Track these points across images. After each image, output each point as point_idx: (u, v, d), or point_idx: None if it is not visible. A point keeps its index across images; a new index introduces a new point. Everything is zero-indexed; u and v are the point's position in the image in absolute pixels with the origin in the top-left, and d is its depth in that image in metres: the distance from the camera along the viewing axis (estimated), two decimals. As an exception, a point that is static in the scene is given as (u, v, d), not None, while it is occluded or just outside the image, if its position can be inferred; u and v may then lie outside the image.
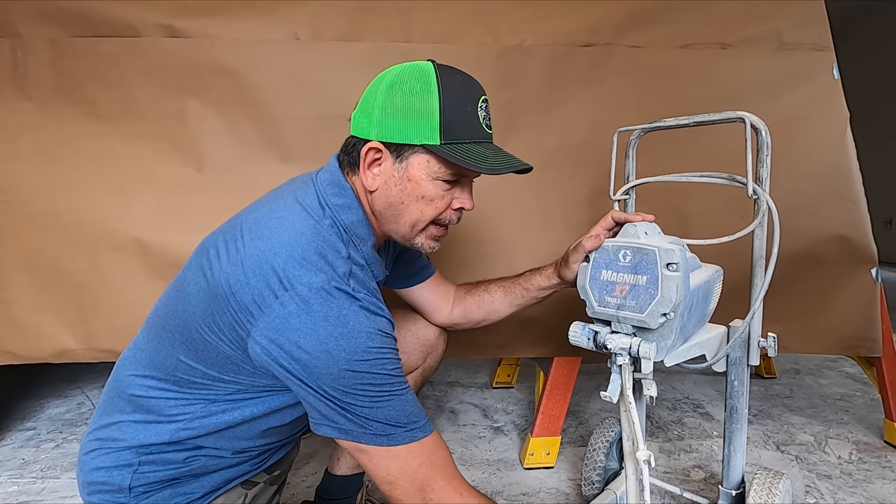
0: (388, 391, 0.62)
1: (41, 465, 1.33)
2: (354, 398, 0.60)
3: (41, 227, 1.18)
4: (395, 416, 0.62)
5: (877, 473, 1.30)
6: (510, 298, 0.97)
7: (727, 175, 0.85)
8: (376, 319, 0.64)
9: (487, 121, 0.72)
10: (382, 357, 0.62)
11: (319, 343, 0.58)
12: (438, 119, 0.66)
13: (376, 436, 0.61)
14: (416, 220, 0.71)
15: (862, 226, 1.34)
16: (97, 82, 1.22)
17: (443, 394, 1.84)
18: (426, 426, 0.65)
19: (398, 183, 0.69)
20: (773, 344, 0.87)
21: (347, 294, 0.62)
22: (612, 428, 1.13)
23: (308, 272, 0.60)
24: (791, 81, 1.37)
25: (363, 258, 0.71)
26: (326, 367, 0.58)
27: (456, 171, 0.69)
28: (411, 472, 0.62)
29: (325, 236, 0.65)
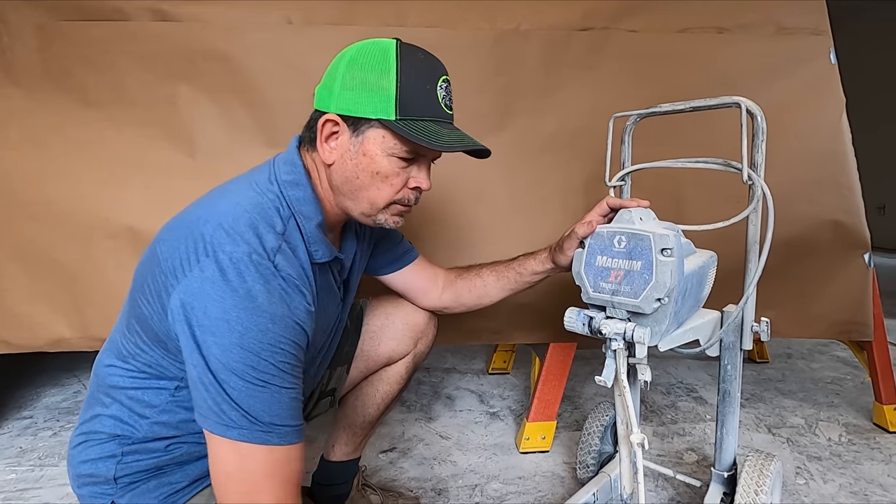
0: (265, 381, 0.58)
1: (39, 454, 1.33)
2: (230, 377, 0.57)
3: (32, 217, 1.17)
4: (258, 411, 0.57)
5: (865, 455, 1.33)
6: (502, 283, 0.96)
7: (722, 160, 0.85)
8: (291, 302, 0.61)
9: (447, 101, 0.71)
10: (278, 345, 0.59)
11: (223, 312, 0.56)
12: (395, 94, 0.65)
13: (228, 427, 0.57)
14: (374, 199, 0.70)
15: (856, 211, 1.35)
16: (86, 68, 1.20)
17: (439, 380, 1.85)
18: (288, 435, 0.59)
19: (354, 157, 0.68)
20: (766, 328, 0.88)
21: (268, 269, 0.60)
22: (606, 412, 1.14)
23: (232, 241, 0.59)
24: (788, 66, 1.36)
25: (304, 236, 0.68)
26: (220, 337, 0.56)
27: (411, 148, 0.68)
28: (245, 474, 0.57)
29: (263, 209, 0.65)
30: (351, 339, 0.97)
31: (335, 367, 0.97)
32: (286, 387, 0.60)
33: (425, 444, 1.38)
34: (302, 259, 0.67)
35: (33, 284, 1.17)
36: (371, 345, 0.98)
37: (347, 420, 1.01)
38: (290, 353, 0.60)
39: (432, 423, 1.50)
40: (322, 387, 0.96)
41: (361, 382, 1.01)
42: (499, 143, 1.30)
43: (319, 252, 0.70)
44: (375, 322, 0.99)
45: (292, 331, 0.61)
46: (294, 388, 0.61)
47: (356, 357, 0.98)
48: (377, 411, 1.01)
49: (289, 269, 0.63)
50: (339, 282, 0.81)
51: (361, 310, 1.00)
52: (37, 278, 1.17)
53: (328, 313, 0.78)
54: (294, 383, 0.61)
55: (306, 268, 0.67)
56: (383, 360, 0.99)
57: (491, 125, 1.30)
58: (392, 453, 1.33)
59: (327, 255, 0.71)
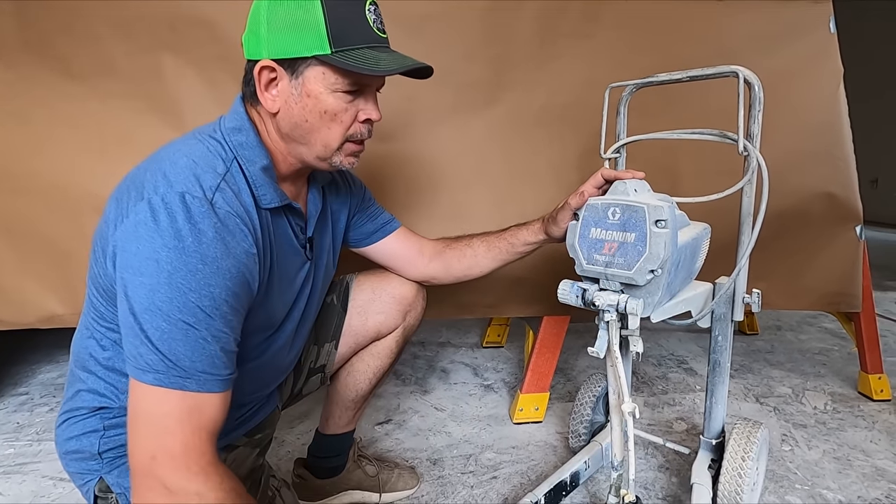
0: (189, 325, 0.55)
1: (36, 429, 1.34)
2: (153, 318, 0.55)
3: (19, 191, 1.15)
4: (178, 355, 0.55)
5: (850, 422, 1.36)
6: (493, 253, 0.96)
7: (718, 131, 0.84)
8: (228, 243, 0.59)
9: (379, 24, 0.68)
10: (207, 288, 0.56)
11: (153, 252, 0.55)
12: (325, 27, 0.63)
13: (143, 370, 0.55)
14: (328, 139, 0.69)
15: (849, 184, 1.35)
16: (67, 38, 1.16)
17: (434, 353, 1.87)
18: (207, 383, 0.56)
19: (298, 100, 0.66)
20: (758, 300, 0.88)
21: (202, 208, 0.58)
22: (598, 383, 1.16)
23: (167, 184, 0.58)
24: (788, 33, 1.34)
25: (248, 179, 0.67)
26: (148, 277, 0.55)
27: (354, 79, 0.66)
28: (156, 417, 0.54)
29: (203, 154, 0.64)
30: (338, 315, 0.97)
31: (323, 344, 0.96)
32: (213, 334, 0.57)
33: (420, 416, 1.40)
34: (246, 202, 0.64)
35: (22, 260, 1.15)
36: (359, 320, 0.97)
37: (339, 395, 1.02)
38: (222, 299, 0.58)
39: (427, 396, 1.52)
40: (311, 364, 0.96)
41: (352, 358, 1.01)
42: (492, 115, 1.28)
43: (268, 196, 0.68)
44: (362, 296, 0.98)
45: (226, 275, 0.58)
46: (223, 336, 0.58)
47: (344, 333, 0.97)
48: (369, 386, 1.01)
49: (227, 208, 0.60)
50: (301, 238, 0.78)
51: (348, 285, 0.99)
52: (25, 254, 1.15)
53: (289, 268, 0.75)
54: (224, 331, 0.58)
55: (250, 211, 0.65)
56: (372, 334, 0.98)
57: (484, 97, 1.27)
58: (388, 425, 1.35)
59: (276, 199, 0.69)
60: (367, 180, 1.24)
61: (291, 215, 0.74)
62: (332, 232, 0.89)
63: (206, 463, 0.55)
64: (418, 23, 1.24)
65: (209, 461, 0.55)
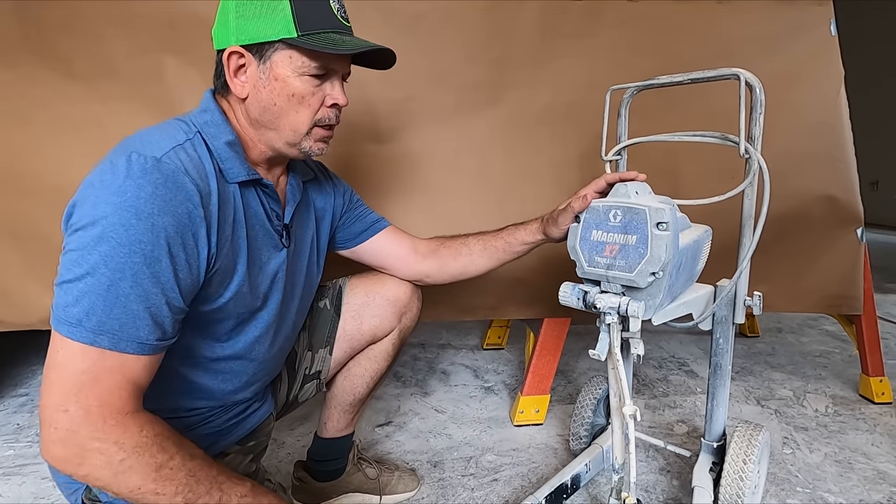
0: (114, 280, 0.54)
1: (36, 430, 1.34)
2: (79, 270, 0.54)
3: (21, 192, 1.14)
4: (99, 311, 0.53)
5: (851, 425, 1.36)
6: (489, 252, 0.95)
7: (719, 134, 0.84)
8: (171, 199, 0.57)
9: (342, 13, 0.71)
10: (138, 244, 0.55)
11: (93, 207, 0.55)
12: (290, 11, 0.65)
13: (61, 322, 0.53)
14: (296, 123, 0.70)
15: (850, 186, 1.35)
16: (68, 37, 1.16)
17: (434, 355, 1.87)
18: (122, 343, 0.54)
19: (266, 84, 0.68)
20: (759, 303, 0.88)
21: (147, 164, 0.57)
22: (599, 385, 1.16)
23: (122, 149, 0.58)
24: (789, 35, 1.34)
25: (211, 152, 0.67)
26: (84, 232, 0.54)
27: (320, 62, 0.68)
28: (73, 372, 0.53)
29: (166, 127, 0.65)
30: (332, 320, 0.96)
31: (317, 350, 0.95)
32: (139, 293, 0.55)
33: (421, 418, 1.40)
34: (207, 170, 0.64)
35: (25, 261, 1.15)
36: (353, 324, 0.96)
37: (337, 399, 1.01)
38: (154, 257, 0.56)
39: (427, 398, 1.52)
40: (306, 370, 0.96)
41: (349, 362, 1.00)
42: (493, 115, 1.28)
43: (234, 170, 0.67)
44: (356, 300, 0.96)
45: (161, 233, 0.56)
46: (152, 296, 0.56)
47: (339, 338, 0.96)
48: (366, 389, 1.01)
49: (177, 166, 0.59)
50: (276, 224, 0.76)
51: (341, 289, 0.98)
52: (27, 254, 1.15)
53: (261, 250, 0.74)
54: (153, 292, 0.56)
55: (208, 177, 0.64)
56: (367, 338, 0.97)
57: (485, 97, 1.27)
58: (388, 427, 1.35)
59: (244, 173, 0.68)
60: (368, 181, 1.24)
61: (265, 196, 0.74)
62: (315, 228, 0.88)
63: (124, 415, 0.54)
64: (418, 24, 1.24)
65: (128, 413, 0.54)
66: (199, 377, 0.72)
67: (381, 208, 1.21)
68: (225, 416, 0.78)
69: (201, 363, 0.71)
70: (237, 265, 0.68)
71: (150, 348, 0.57)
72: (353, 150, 1.24)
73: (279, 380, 0.94)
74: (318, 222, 0.89)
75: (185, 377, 0.70)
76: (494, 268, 0.97)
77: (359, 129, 1.24)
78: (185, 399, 0.72)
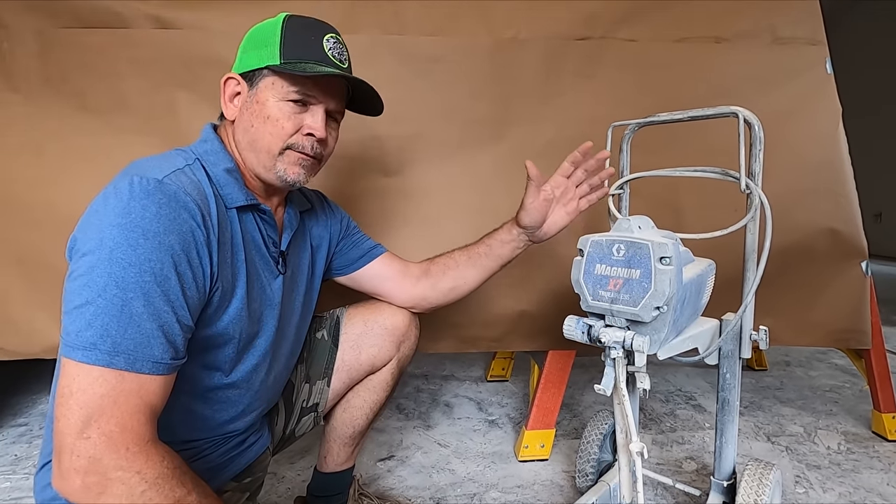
0: (125, 300, 0.54)
1: (34, 461, 1.32)
2: (90, 293, 0.54)
3: (32, 222, 1.17)
4: (114, 333, 0.53)
5: (865, 463, 1.32)
6: (474, 260, 0.96)
7: (720, 169, 0.85)
8: (175, 218, 0.58)
9: (336, 52, 0.74)
10: (147, 263, 0.55)
11: (99, 230, 0.56)
12: (279, 42, 0.71)
13: (73, 348, 0.53)
14: (269, 144, 0.72)
15: (852, 220, 1.35)
16: (85, 74, 1.20)
17: (438, 387, 1.85)
18: (138, 363, 0.54)
19: (249, 107, 0.72)
20: (765, 337, 0.88)
21: (150, 185, 0.58)
22: (605, 420, 1.14)
23: (126, 177, 0.59)
24: (785, 76, 1.37)
25: (211, 178, 0.69)
26: (91, 255, 0.55)
27: (299, 88, 0.71)
28: (92, 397, 0.52)
29: (167, 157, 0.67)
30: (329, 351, 0.95)
31: (315, 382, 0.95)
32: (151, 311, 0.55)
33: (423, 452, 1.37)
34: (206, 192, 0.66)
35: (32, 291, 1.16)
36: (352, 354, 0.95)
37: (337, 432, 1.00)
38: (164, 276, 0.57)
39: (430, 431, 1.50)
40: (303, 403, 0.95)
41: (347, 394, 0.99)
42: (497, 150, 1.31)
43: (232, 195, 0.70)
44: (354, 330, 0.96)
45: (168, 251, 0.57)
46: (164, 315, 0.57)
47: (337, 369, 0.95)
48: (366, 421, 0.99)
49: (178, 186, 0.60)
50: (273, 250, 0.78)
51: (338, 319, 0.98)
52: (35, 284, 1.16)
53: (259, 275, 0.75)
54: (164, 310, 0.57)
55: (208, 199, 0.65)
56: (366, 368, 0.96)
57: (490, 132, 1.30)
58: (390, 461, 1.32)
59: (242, 198, 0.71)
60: (374, 213, 1.26)
61: (263, 222, 0.76)
62: (311, 257, 0.89)
63: (146, 443, 0.53)
64: (426, 64, 1.28)
65: (148, 441, 0.54)
66: (195, 406, 0.71)
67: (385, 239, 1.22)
68: (221, 448, 0.77)
69: (198, 391, 0.71)
70: (236, 288, 0.69)
71: (165, 367, 0.57)
72: (361, 184, 1.26)
73: (276, 413, 0.93)
74: (315, 251, 0.90)
75: (181, 406, 0.69)
76: (484, 278, 0.98)
77: (367, 163, 1.27)
78: (182, 429, 0.71)
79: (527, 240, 0.94)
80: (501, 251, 0.95)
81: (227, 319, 0.68)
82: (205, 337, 0.67)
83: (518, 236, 0.93)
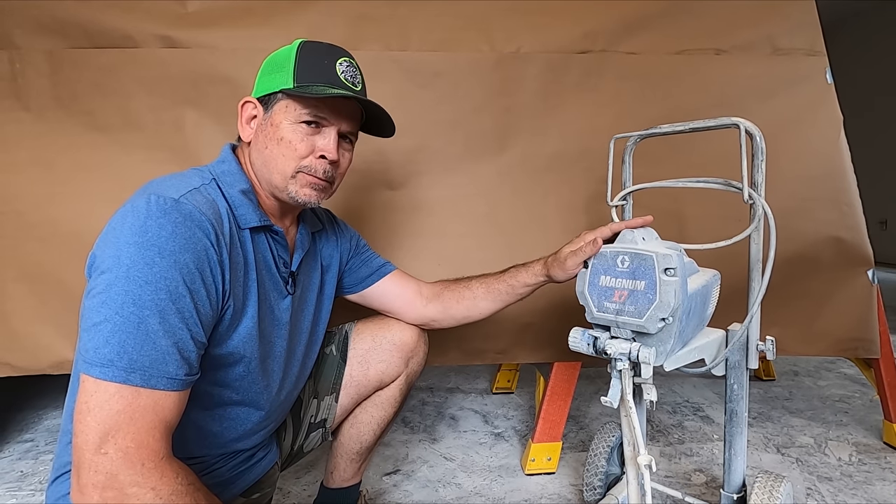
0: (141, 317, 0.55)
1: (40, 478, 1.32)
2: (107, 311, 0.55)
3: (39, 238, 1.18)
4: (130, 350, 0.54)
5: (877, 475, 1.30)
6: (493, 295, 0.95)
7: (723, 180, 0.86)
8: (190, 237, 0.60)
9: (348, 76, 0.75)
10: (163, 281, 0.57)
11: (117, 249, 0.57)
12: (293, 67, 0.72)
13: (91, 364, 0.54)
14: (283, 166, 0.73)
15: (857, 228, 1.35)
16: (95, 93, 1.23)
17: (443, 400, 1.84)
18: (153, 379, 0.55)
19: (264, 129, 0.74)
20: (772, 347, 0.87)
21: (166, 204, 0.59)
22: (612, 433, 1.13)
23: (144, 195, 0.61)
24: (785, 86, 1.38)
25: (227, 199, 0.70)
26: (109, 272, 0.56)
27: (310, 111, 0.72)
28: (109, 413, 0.53)
29: (184, 176, 0.68)
30: (338, 366, 0.96)
31: (322, 397, 0.95)
32: (166, 329, 0.56)
33: (429, 466, 1.36)
34: (221, 213, 0.67)
35: (39, 306, 1.17)
36: (360, 370, 0.95)
37: (344, 448, 0.99)
38: (179, 294, 0.58)
39: (436, 445, 1.49)
40: (311, 419, 0.95)
41: (355, 409, 0.99)
42: (502, 163, 1.32)
43: (247, 216, 0.71)
44: (362, 345, 0.96)
45: (184, 269, 0.58)
46: (179, 332, 0.58)
47: (345, 384, 0.95)
48: (373, 437, 0.99)
49: (194, 206, 0.62)
50: (283, 271, 0.79)
51: (346, 335, 0.98)
52: (43, 300, 1.17)
53: (269, 295, 0.76)
54: (179, 328, 0.58)
55: (223, 219, 0.66)
56: (374, 383, 0.96)
57: (494, 146, 1.32)
58: (396, 476, 1.31)
59: (256, 218, 0.72)
60: (380, 226, 1.27)
61: (275, 243, 0.77)
62: (321, 277, 0.90)
63: (160, 459, 0.54)
64: (429, 79, 1.30)
65: (163, 457, 0.54)
66: (205, 422, 0.72)
67: (392, 252, 1.23)
68: (230, 464, 0.77)
69: (208, 408, 0.71)
70: (247, 307, 0.70)
71: (180, 383, 0.58)
72: (368, 197, 1.28)
73: (284, 428, 0.93)
74: (325, 272, 0.91)
75: (192, 422, 0.70)
76: (499, 310, 0.97)
77: (373, 176, 1.28)
78: (191, 445, 0.72)
79: (548, 281, 0.92)
80: (522, 291, 0.94)
81: (238, 339, 0.69)
82: (216, 356, 0.67)
83: (542, 282, 0.92)
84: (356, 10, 1.30)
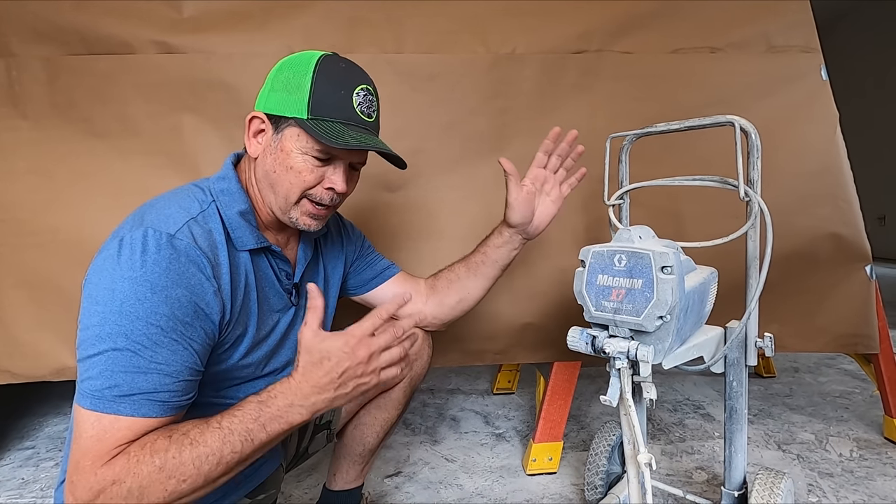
0: (133, 350, 0.57)
1: (41, 485, 1.32)
2: (101, 344, 0.57)
3: (38, 245, 1.18)
4: (121, 383, 0.56)
5: (878, 470, 1.30)
6: (473, 270, 0.96)
7: (719, 178, 0.86)
8: (183, 274, 0.61)
9: (364, 108, 0.73)
10: (153, 316, 0.58)
11: (111, 282, 0.58)
12: (308, 95, 0.70)
13: (83, 395, 0.57)
14: (287, 191, 0.72)
15: (855, 224, 1.35)
16: (93, 100, 1.23)
17: (444, 401, 1.84)
18: (143, 408, 0.57)
19: (273, 152, 0.72)
20: (770, 344, 0.87)
21: (160, 241, 0.61)
22: (613, 432, 1.13)
23: (139, 224, 0.62)
24: (780, 84, 1.39)
25: (224, 220, 0.70)
26: (102, 305, 0.58)
27: (323, 148, 0.71)
28: (102, 443, 0.56)
29: (183, 198, 0.68)
30: None
31: None
32: (157, 361, 0.58)
33: (431, 468, 1.36)
34: (217, 240, 0.68)
35: (38, 313, 1.17)
36: None
37: (347, 450, 1.00)
38: (170, 328, 0.59)
39: (437, 446, 1.49)
40: (316, 420, 0.95)
41: (359, 412, 0.99)
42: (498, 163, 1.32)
43: (243, 239, 0.71)
44: None
45: (175, 304, 0.60)
46: (169, 365, 0.59)
47: None
48: (377, 439, 0.99)
49: (189, 242, 0.63)
50: (286, 283, 0.80)
51: None
52: (42, 307, 1.17)
53: (271, 311, 0.77)
54: (170, 361, 0.59)
55: (219, 248, 0.67)
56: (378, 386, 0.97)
57: (490, 146, 1.32)
58: (397, 478, 1.31)
59: (252, 241, 0.72)
60: (379, 228, 1.27)
61: (274, 259, 0.77)
62: (325, 282, 0.90)
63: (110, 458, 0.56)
64: (425, 81, 1.30)
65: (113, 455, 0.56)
66: None
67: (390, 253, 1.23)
68: None
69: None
70: (248, 327, 0.72)
71: (173, 408, 0.60)
72: (366, 199, 1.28)
73: None
74: (329, 275, 0.91)
75: None
76: (487, 286, 0.98)
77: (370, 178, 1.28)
78: None
79: (520, 238, 0.94)
80: (498, 255, 0.95)
81: (238, 356, 0.71)
82: (218, 372, 0.70)
83: (511, 237, 0.94)
84: (351, 13, 1.30)
